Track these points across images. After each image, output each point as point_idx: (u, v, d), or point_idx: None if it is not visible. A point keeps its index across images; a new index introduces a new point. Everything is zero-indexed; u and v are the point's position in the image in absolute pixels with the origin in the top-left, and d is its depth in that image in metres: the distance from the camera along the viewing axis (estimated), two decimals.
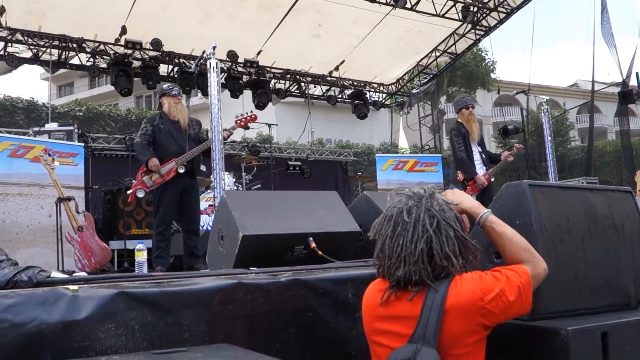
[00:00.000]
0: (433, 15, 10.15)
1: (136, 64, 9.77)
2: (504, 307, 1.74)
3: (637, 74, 13.78)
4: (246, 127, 8.99)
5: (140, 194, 5.47)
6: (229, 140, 6.46)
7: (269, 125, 10.13)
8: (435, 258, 1.76)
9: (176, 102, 5.66)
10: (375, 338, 1.87)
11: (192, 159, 5.52)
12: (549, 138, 7.81)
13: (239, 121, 5.91)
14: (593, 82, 15.24)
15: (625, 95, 12.42)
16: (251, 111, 6.10)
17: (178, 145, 5.50)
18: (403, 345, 1.72)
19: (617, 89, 14.03)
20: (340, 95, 12.64)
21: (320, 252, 3.07)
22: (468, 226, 1.96)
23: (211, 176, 6.65)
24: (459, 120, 6.69)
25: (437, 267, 1.77)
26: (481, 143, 6.68)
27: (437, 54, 11.96)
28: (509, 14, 10.75)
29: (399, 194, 1.91)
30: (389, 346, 1.78)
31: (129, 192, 5.66)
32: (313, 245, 3.08)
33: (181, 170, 5.40)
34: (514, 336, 2.01)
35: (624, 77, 13.35)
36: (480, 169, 6.53)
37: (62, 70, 10.14)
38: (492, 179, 6.62)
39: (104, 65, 9.80)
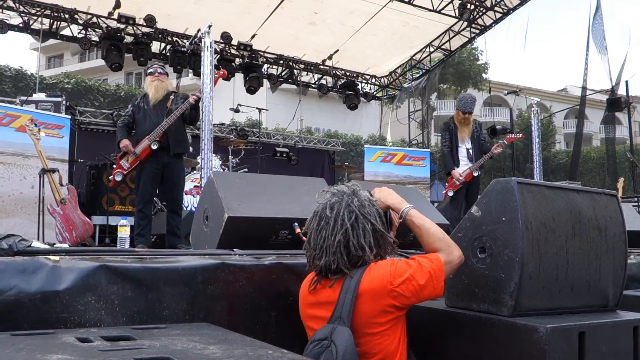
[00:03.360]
0: (430, 10, 10.15)
1: (128, 39, 9.66)
2: (414, 290, 1.91)
3: (626, 82, 13.89)
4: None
5: (118, 177, 5.42)
6: (217, 122, 6.40)
7: (259, 110, 10.08)
8: (351, 249, 1.96)
9: (152, 80, 5.57)
10: (308, 323, 2.08)
11: (167, 135, 5.36)
12: (537, 140, 7.87)
13: None
14: (584, 87, 15.34)
15: (614, 103, 12.53)
16: (219, 67, 5.96)
17: (152, 122, 5.40)
18: (322, 326, 1.92)
19: (605, 96, 14.15)
20: (332, 85, 12.61)
21: (304, 238, 3.06)
22: (396, 220, 2.16)
23: (198, 157, 6.62)
24: (453, 116, 6.78)
25: (352, 256, 1.96)
26: (475, 140, 6.74)
27: (431, 49, 11.97)
28: (504, 14, 10.78)
29: (325, 192, 2.09)
30: (316, 329, 1.96)
31: (110, 177, 5.62)
32: (298, 230, 3.07)
33: (154, 147, 5.29)
34: (493, 331, 2.03)
35: (613, 85, 13.47)
36: (464, 165, 6.62)
37: (52, 42, 10.02)
38: (477, 173, 6.64)
39: (95, 39, 9.67)
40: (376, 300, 1.90)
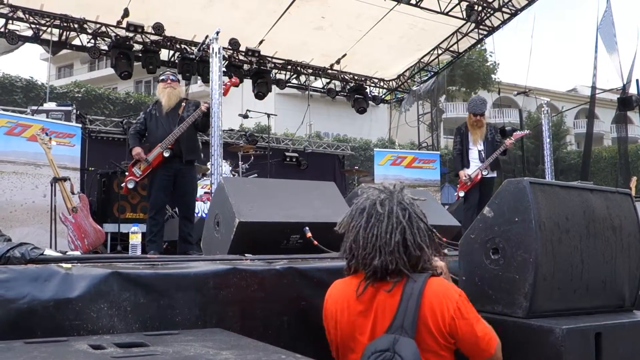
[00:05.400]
0: (437, 12, 10.12)
1: (137, 47, 9.71)
2: (470, 326, 1.77)
3: (637, 81, 13.77)
4: (243, 113, 8.97)
5: (131, 185, 5.47)
6: (226, 128, 6.40)
7: (268, 115, 10.09)
8: (410, 249, 1.82)
9: (164, 87, 5.60)
10: (353, 334, 1.86)
11: (179, 142, 5.39)
12: (548, 140, 7.82)
13: None
14: (594, 87, 15.24)
15: (625, 102, 12.41)
16: (231, 75, 5.98)
17: (164, 129, 5.43)
18: (381, 336, 1.74)
19: (615, 95, 14.03)
20: (340, 89, 12.60)
21: (315, 242, 3.06)
22: None
23: (208, 163, 6.64)
24: (467, 120, 6.78)
25: (412, 257, 1.82)
26: (490, 143, 6.70)
27: (439, 51, 11.94)
28: (512, 15, 10.72)
29: (370, 188, 1.96)
30: (361, 340, 1.79)
31: (122, 185, 5.65)
32: (309, 234, 3.07)
33: (166, 154, 5.33)
34: (508, 333, 2.01)
35: (624, 83, 13.34)
36: (474, 167, 6.60)
37: (61, 51, 10.07)
38: (486, 172, 6.58)
39: (104, 47, 9.73)
40: (441, 313, 1.76)
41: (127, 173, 5.60)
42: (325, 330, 2.01)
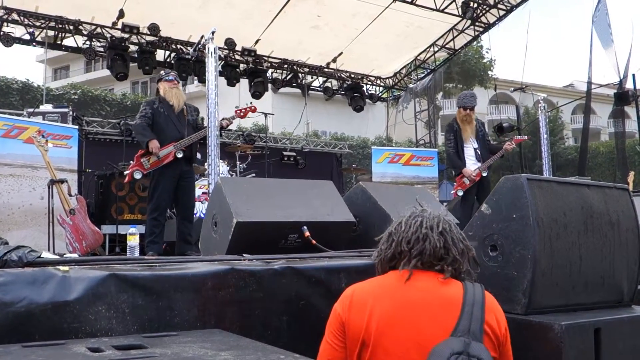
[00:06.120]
0: (433, 9, 10.12)
1: (133, 48, 9.69)
2: (508, 349, 1.73)
3: (633, 75, 13.76)
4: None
5: (137, 175, 5.38)
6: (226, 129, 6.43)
7: (265, 115, 10.08)
8: (455, 240, 1.74)
9: (172, 87, 5.60)
10: (391, 331, 1.66)
11: (190, 145, 5.47)
12: (545, 136, 7.82)
13: (238, 111, 5.91)
14: (589, 82, 15.23)
15: (621, 97, 12.40)
16: (251, 102, 6.10)
17: (177, 129, 5.45)
18: (449, 338, 1.60)
19: (612, 90, 14.01)
20: (337, 88, 12.60)
21: (314, 242, 3.06)
22: None
23: (205, 164, 6.63)
24: (456, 116, 6.72)
25: (458, 247, 1.74)
26: (481, 140, 6.66)
27: (436, 49, 11.93)
28: (508, 11, 10.73)
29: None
30: (407, 334, 1.64)
31: (125, 172, 5.58)
32: (307, 234, 3.07)
33: (179, 155, 5.35)
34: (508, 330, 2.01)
35: (621, 78, 13.33)
36: (472, 165, 6.53)
37: (58, 53, 10.10)
38: (485, 174, 6.56)
39: (100, 49, 9.71)
40: (497, 321, 1.71)
41: (132, 162, 5.49)
42: (342, 328, 1.74)
